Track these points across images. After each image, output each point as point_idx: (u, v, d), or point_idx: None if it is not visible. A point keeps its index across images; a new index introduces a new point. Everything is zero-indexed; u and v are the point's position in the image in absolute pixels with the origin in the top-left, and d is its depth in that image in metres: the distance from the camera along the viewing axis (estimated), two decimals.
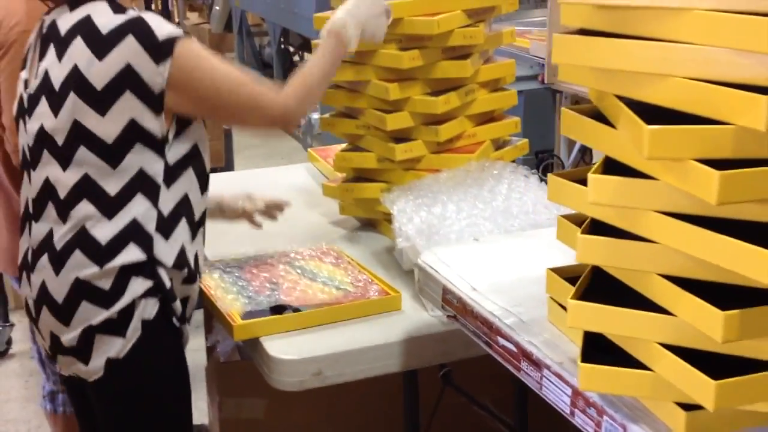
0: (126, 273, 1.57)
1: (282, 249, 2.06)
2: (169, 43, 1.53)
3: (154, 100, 1.54)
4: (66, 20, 1.59)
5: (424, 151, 2.13)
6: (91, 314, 1.57)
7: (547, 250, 1.61)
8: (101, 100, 1.53)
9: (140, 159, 1.56)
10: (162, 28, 1.54)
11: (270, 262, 1.98)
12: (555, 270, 1.27)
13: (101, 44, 1.52)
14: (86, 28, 1.55)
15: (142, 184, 1.57)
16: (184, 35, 1.55)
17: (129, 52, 1.52)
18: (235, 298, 1.81)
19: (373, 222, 2.30)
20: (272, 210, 2.09)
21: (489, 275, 1.52)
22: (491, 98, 2.25)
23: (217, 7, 8.31)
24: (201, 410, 2.69)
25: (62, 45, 1.57)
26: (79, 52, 1.54)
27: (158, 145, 1.57)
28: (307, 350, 1.68)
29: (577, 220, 1.23)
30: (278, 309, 1.78)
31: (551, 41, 3.58)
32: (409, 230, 1.87)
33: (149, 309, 1.59)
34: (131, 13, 1.56)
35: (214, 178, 2.75)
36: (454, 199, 1.92)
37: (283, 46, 7.01)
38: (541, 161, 3.49)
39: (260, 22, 7.68)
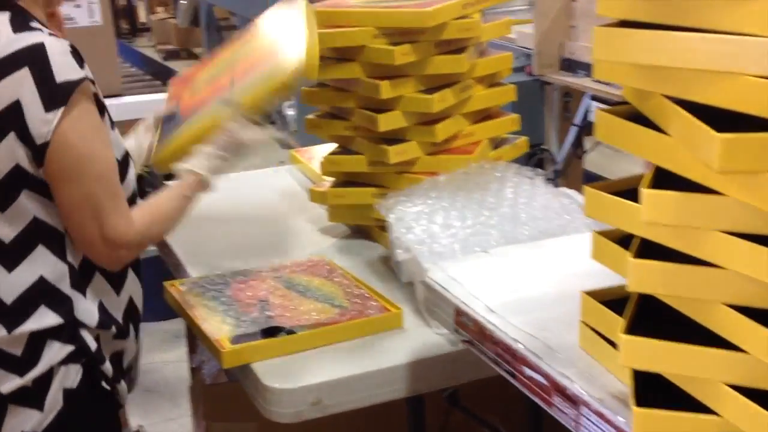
0: (39, 338, 1.39)
1: (268, 261, 1.90)
2: (67, 89, 1.32)
3: (35, 151, 1.33)
4: None
5: (419, 153, 1.99)
6: (1, 379, 1.39)
7: (565, 263, 1.48)
8: None
9: (32, 206, 1.37)
10: (62, 64, 1.32)
11: (256, 277, 1.83)
12: (591, 294, 1.12)
13: None
14: None
15: (40, 233, 1.38)
16: (84, 83, 1.35)
17: (22, 87, 1.30)
18: (222, 320, 1.64)
19: (365, 229, 2.15)
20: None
21: (505, 293, 1.38)
22: (488, 94, 2.11)
23: (183, 1, 8.07)
24: (185, 427, 2.53)
25: None
26: None
27: (50, 191, 1.38)
28: (304, 377, 1.52)
29: (614, 236, 1.08)
30: (270, 331, 1.61)
31: (539, 29, 3.48)
32: (409, 240, 1.72)
33: (71, 377, 1.41)
34: (32, 37, 1.33)
35: None
36: (457, 206, 1.77)
37: None
38: (531, 155, 3.35)
39: (228, 16, 7.46)
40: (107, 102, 1.48)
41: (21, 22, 1.36)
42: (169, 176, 2.22)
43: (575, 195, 1.94)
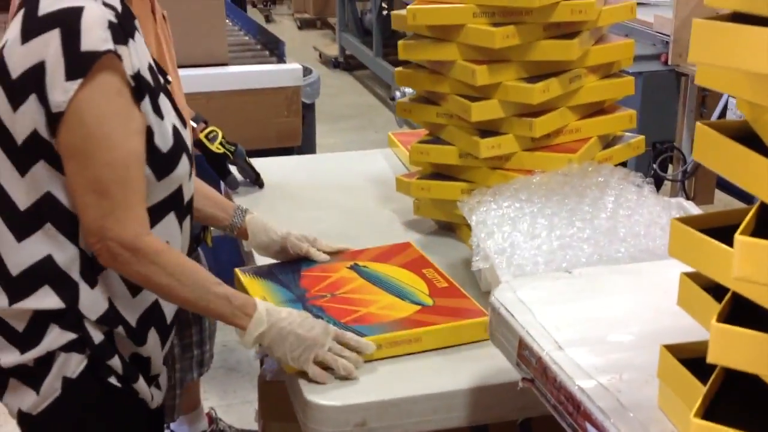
0: (42, 319, 1.32)
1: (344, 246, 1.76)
2: (89, 59, 1.22)
3: (51, 119, 1.25)
4: None
5: (515, 148, 1.78)
6: (2, 350, 1.34)
7: (662, 295, 1.25)
8: (13, 91, 1.26)
9: (46, 179, 1.30)
10: (91, 33, 1.22)
11: (330, 266, 1.68)
12: (671, 349, 0.91)
13: (31, 25, 1.25)
14: (31, 2, 1.27)
15: (51, 210, 1.30)
16: (107, 56, 1.23)
17: (48, 48, 1.22)
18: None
19: (452, 226, 1.97)
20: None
21: (581, 327, 1.17)
22: (602, 86, 1.87)
23: None
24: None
25: (13, 15, 1.31)
26: (14, 27, 1.28)
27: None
28: (351, 395, 1.37)
29: (706, 282, 0.86)
30: None
31: (678, 15, 3.16)
32: (489, 248, 1.53)
33: (72, 366, 1.34)
34: (79, 0, 1.24)
35: (281, 162, 2.49)
36: (546, 213, 1.56)
37: (384, 12, 6.67)
38: (659, 154, 3.05)
39: None
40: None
41: None
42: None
43: (692, 208, 1.69)
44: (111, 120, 1.25)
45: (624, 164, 1.93)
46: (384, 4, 6.62)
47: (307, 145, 3.38)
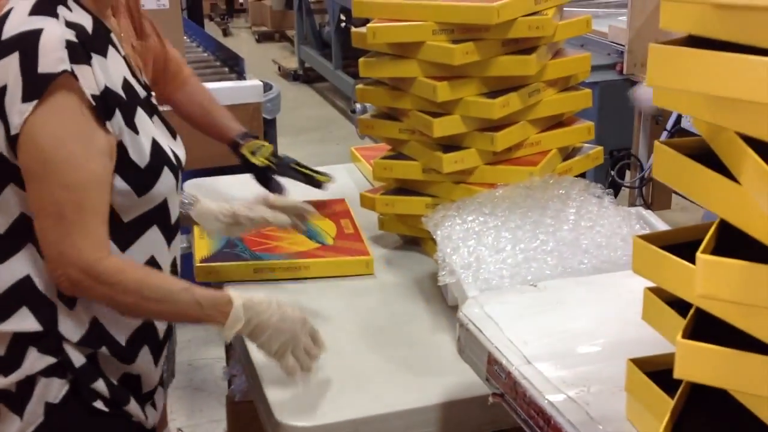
0: (21, 341, 1.30)
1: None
2: (44, 81, 1.20)
3: (11, 142, 1.24)
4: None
5: (478, 162, 1.81)
6: None
7: (627, 306, 1.27)
8: None
9: (17, 201, 1.28)
10: (48, 54, 1.20)
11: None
12: (638, 362, 0.93)
13: None
14: None
15: (28, 230, 1.28)
16: (62, 77, 1.21)
17: (9, 71, 1.21)
18: (215, 244, 1.82)
19: (417, 240, 1.98)
20: (301, 216, 1.74)
21: (549, 341, 1.19)
22: (560, 99, 1.90)
23: None
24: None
25: None
26: None
27: None
28: (323, 415, 1.37)
29: (670, 297, 0.89)
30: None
31: (632, 25, 3.22)
32: (454, 263, 1.55)
33: (53, 391, 1.31)
34: (37, 22, 1.22)
35: (243, 179, 2.48)
36: (510, 226, 1.58)
37: (343, 25, 6.69)
38: (617, 162, 3.10)
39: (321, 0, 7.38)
40: None
41: (45, 5, 1.26)
42: (299, 166, 2.10)
43: (652, 218, 1.73)
44: (68, 142, 1.23)
45: (583, 174, 1.96)
46: (342, 17, 6.64)
47: None
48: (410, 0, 1.81)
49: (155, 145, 1.36)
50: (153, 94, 1.48)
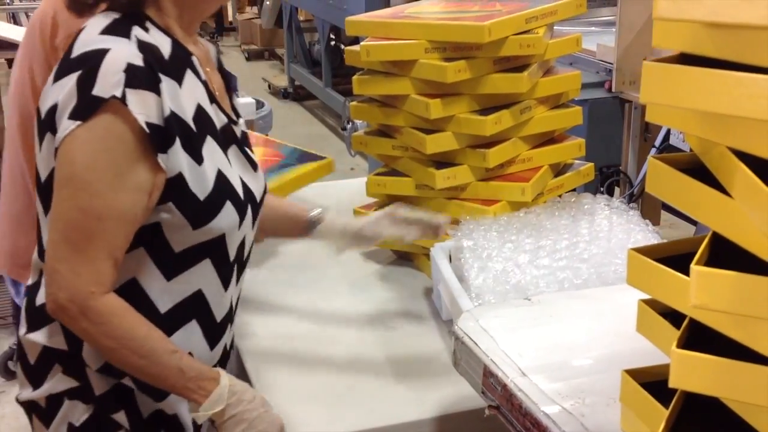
0: (49, 356, 1.29)
1: (298, 284, 1.79)
2: (93, 104, 1.16)
3: (55, 155, 1.21)
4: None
5: (470, 179, 1.83)
6: (22, 382, 1.32)
7: (621, 319, 1.29)
8: (39, 130, 1.24)
9: None
10: (106, 77, 1.16)
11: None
12: (632, 373, 0.94)
13: (63, 66, 1.22)
14: (72, 43, 1.23)
15: None
16: (111, 102, 1.15)
17: (65, 89, 1.19)
18: None
19: (410, 256, 2.00)
20: (434, 231, 1.63)
21: (543, 354, 1.21)
22: (551, 117, 1.93)
23: (268, 2, 8.07)
24: None
25: None
26: (57, 65, 1.24)
27: None
28: (317, 429, 1.38)
29: (664, 308, 0.90)
30: None
31: (620, 44, 3.26)
32: (449, 277, 1.56)
33: (77, 414, 1.29)
34: (107, 42, 1.19)
35: None
36: (511, 239, 1.61)
37: (332, 43, 6.73)
38: (606, 178, 3.13)
39: (311, 18, 7.42)
40: None
41: (119, 25, 1.23)
42: None
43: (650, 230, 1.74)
44: (99, 167, 1.17)
45: (574, 190, 1.99)
46: (332, 36, 6.68)
47: None
48: (403, 19, 1.84)
49: (220, 178, 1.26)
50: (239, 121, 1.40)
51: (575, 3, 1.93)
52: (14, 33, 4.30)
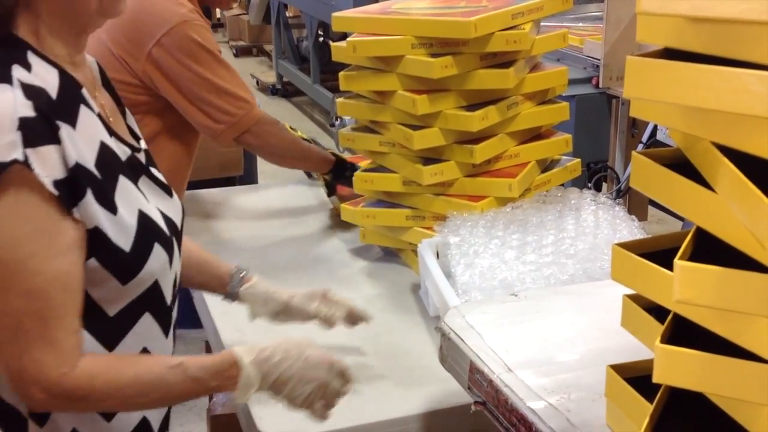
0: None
1: (287, 280, 1.77)
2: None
3: None
4: None
5: (457, 174, 1.83)
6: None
7: (605, 314, 1.30)
8: None
9: None
10: (0, 138, 1.02)
11: None
12: (617, 368, 0.94)
13: None
14: None
15: None
16: (12, 168, 1.01)
17: None
18: None
19: (398, 252, 2.00)
20: (354, 319, 1.55)
21: (529, 349, 1.21)
22: (538, 112, 1.93)
23: None
24: None
25: None
26: None
27: None
28: (307, 426, 1.38)
29: (648, 303, 0.90)
30: None
31: (608, 39, 3.27)
32: (436, 273, 1.56)
33: None
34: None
35: (224, 192, 2.49)
36: (498, 235, 1.61)
37: (321, 39, 6.71)
38: (593, 174, 3.14)
39: (299, 14, 7.40)
40: None
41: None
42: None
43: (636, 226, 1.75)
44: (25, 243, 1.04)
45: (561, 186, 1.99)
46: (320, 32, 6.66)
47: (248, 174, 3.38)
48: (390, 15, 1.83)
49: (143, 219, 1.15)
50: (140, 146, 1.25)
51: None
52: None
